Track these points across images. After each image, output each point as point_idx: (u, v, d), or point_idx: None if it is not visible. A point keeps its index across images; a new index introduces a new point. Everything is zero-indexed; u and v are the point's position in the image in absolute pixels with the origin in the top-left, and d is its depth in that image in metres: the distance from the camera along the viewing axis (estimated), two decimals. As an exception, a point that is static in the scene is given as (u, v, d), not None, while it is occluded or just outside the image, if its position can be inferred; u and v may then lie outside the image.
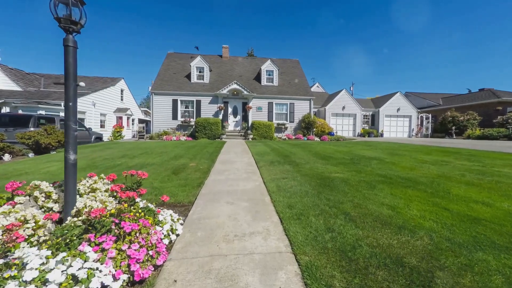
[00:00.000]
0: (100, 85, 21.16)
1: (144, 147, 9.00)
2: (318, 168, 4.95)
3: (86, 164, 5.35)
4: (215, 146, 9.34)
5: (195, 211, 2.74)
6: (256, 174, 4.62)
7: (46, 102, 15.31)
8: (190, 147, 8.85)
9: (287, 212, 2.60)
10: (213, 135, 15.78)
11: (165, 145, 9.88)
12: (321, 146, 9.58)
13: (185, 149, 8.18)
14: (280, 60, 22.95)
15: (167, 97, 17.43)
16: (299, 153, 7.30)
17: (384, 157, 6.46)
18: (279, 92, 18.92)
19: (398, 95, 24.76)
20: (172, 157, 6.46)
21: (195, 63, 18.49)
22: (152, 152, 7.34)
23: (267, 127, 16.32)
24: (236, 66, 21.62)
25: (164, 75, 18.90)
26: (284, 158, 6.32)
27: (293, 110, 18.79)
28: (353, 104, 24.14)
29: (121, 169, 4.83)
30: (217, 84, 18.61)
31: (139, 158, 6.28)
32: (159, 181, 3.94)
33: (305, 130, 18.27)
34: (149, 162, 5.60)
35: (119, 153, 7.23)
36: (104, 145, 9.89)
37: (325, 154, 7.06)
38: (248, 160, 6.28)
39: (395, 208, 2.64)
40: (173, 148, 8.64)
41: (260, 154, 7.07)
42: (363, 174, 4.38)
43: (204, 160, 6.11)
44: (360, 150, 8.20)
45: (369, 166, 5.19)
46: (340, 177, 4.17)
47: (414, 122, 25.08)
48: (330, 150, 8.20)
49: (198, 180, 4.03)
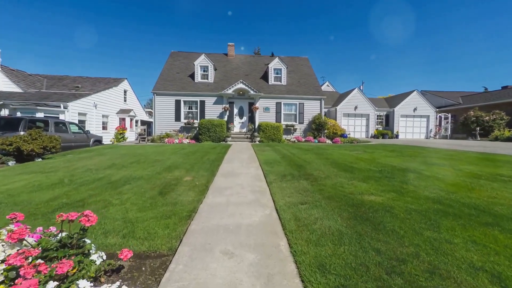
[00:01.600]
0: (103, 86, 20.61)
1: (140, 153, 8.13)
2: (344, 186, 3.90)
3: (60, 178, 4.48)
4: (218, 152, 8.38)
5: (173, 272, 1.76)
6: (266, 194, 3.62)
7: (45, 104, 14.75)
8: (190, 153, 7.93)
9: (321, 282, 1.59)
10: (218, 138, 14.86)
11: (164, 150, 8.99)
12: (338, 152, 8.48)
13: (184, 156, 7.25)
14: (288, 58, 21.86)
15: (169, 97, 16.63)
16: (315, 162, 6.25)
17: (419, 168, 5.34)
18: (287, 91, 17.85)
19: (414, 93, 23.26)
20: (166, 167, 5.53)
21: (199, 62, 17.64)
22: (145, 160, 6.44)
23: (275, 129, 15.29)
24: (242, 64, 20.67)
25: (167, 75, 18.14)
26: (298, 169, 5.29)
27: (303, 110, 17.68)
28: (366, 104, 22.81)
29: (100, 186, 3.92)
30: (222, 84, 17.71)
31: (127, 168, 5.38)
32: (137, 208, 2.99)
33: (315, 131, 17.13)
34: (137, 176, 4.67)
35: (108, 161, 6.36)
36: (98, 151, 9.09)
37: (345, 164, 5.98)
38: (255, 171, 5.28)
39: (505, 281, 1.58)
40: (171, 154, 7.73)
41: (269, 163, 6.06)
42: (408, 197, 3.31)
43: (203, 171, 5.15)
44: (385, 157, 7.06)
45: (408, 182, 4.10)
46: (378, 202, 3.11)
47: (432, 123, 23.52)
48: (349, 157, 7.10)
49: (190, 206, 3.06)
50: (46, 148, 7.08)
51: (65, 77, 21.58)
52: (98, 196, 3.38)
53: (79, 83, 20.70)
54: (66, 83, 20.31)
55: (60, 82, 20.44)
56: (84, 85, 20.44)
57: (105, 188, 3.79)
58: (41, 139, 7.08)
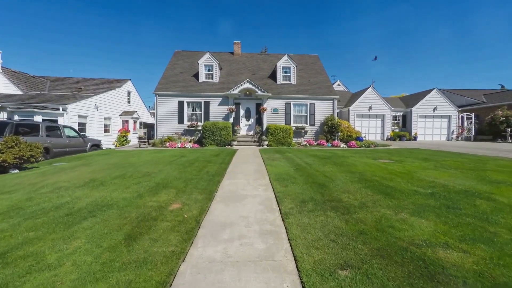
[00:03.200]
0: (106, 87, 19.95)
1: (131, 162, 7.10)
2: (394, 226, 2.69)
3: (10, 205, 3.45)
4: (220, 161, 7.27)
5: None
6: (282, 241, 2.45)
7: (44, 106, 14.07)
8: (188, 163, 6.84)
9: None
10: (222, 142, 13.79)
11: (160, 158, 7.96)
12: (360, 161, 7.21)
13: (180, 168, 6.17)
14: (297, 56, 20.59)
15: (172, 98, 15.69)
16: (338, 178, 5.03)
17: (484, 190, 4.04)
18: (297, 91, 16.61)
19: (434, 92, 21.54)
20: (153, 186, 4.44)
21: (203, 61, 16.64)
22: (132, 174, 5.38)
23: (284, 132, 14.08)
24: (249, 63, 19.56)
25: (170, 75, 17.23)
26: (321, 191, 4.10)
27: (314, 111, 16.39)
28: (381, 104, 21.28)
29: (52, 220, 2.85)
30: (227, 84, 16.65)
31: (105, 187, 4.32)
32: (78, 274, 1.88)
33: (328, 134, 15.81)
34: (110, 201, 3.59)
35: (88, 175, 5.35)
36: (88, 158, 8.16)
37: (378, 180, 4.74)
38: (264, 193, 4.12)
39: None
40: (166, 164, 6.66)
41: (282, 179, 4.89)
42: (510, 257, 2.07)
43: (197, 193, 4.03)
44: (423, 170, 5.76)
45: (489, 219, 2.84)
46: (471, 269, 1.90)
47: (454, 123, 21.72)
48: (378, 170, 5.84)
49: (164, 269, 1.93)
50: (23, 157, 6.15)
51: (68, 78, 21.06)
52: (34, 244, 2.31)
53: (83, 84, 20.11)
54: (69, 85, 19.76)
55: (63, 83, 19.90)
56: (88, 86, 19.84)
57: (56, 225, 2.72)
58: (18, 148, 6.16)
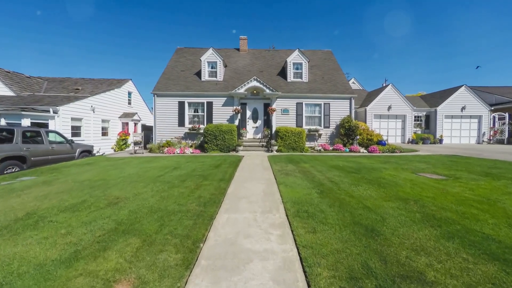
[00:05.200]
0: (105, 87, 18.85)
1: (105, 180, 5.64)
2: None
3: None
4: (220, 178, 5.72)
5: None
6: None
7: (33, 108, 12.95)
8: (176, 182, 5.31)
9: None
10: (227, 147, 12.27)
11: (145, 172, 6.48)
12: (401, 177, 5.51)
13: (164, 190, 4.65)
14: (309, 52, 18.89)
15: (172, 99, 14.31)
16: (389, 212, 3.38)
17: None
18: (310, 89, 14.93)
19: (463, 89, 19.37)
20: (109, 230, 2.92)
21: (206, 57, 15.20)
22: (92, 203, 3.88)
23: (296, 136, 12.44)
24: (256, 60, 18.00)
25: (171, 73, 15.88)
26: (375, 246, 2.48)
27: (329, 112, 14.67)
28: (402, 103, 19.29)
29: None
30: (232, 82, 15.15)
31: (33, 233, 2.84)
32: None
33: (344, 137, 14.06)
34: (9, 273, 2.10)
35: (33, 202, 3.90)
36: (59, 171, 6.77)
37: (458, 221, 3.07)
38: (280, 247, 2.53)
39: None
40: (148, 184, 5.16)
41: (304, 215, 3.30)
42: None
43: (172, 247, 2.48)
44: (508, 196, 4.03)
45: None
46: None
47: (485, 124, 19.46)
48: (440, 196, 4.14)
49: None
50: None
51: (66, 79, 20.09)
52: None
53: (81, 85, 19.07)
54: (67, 85, 18.74)
55: (60, 84, 18.91)
56: (86, 87, 18.77)
57: None
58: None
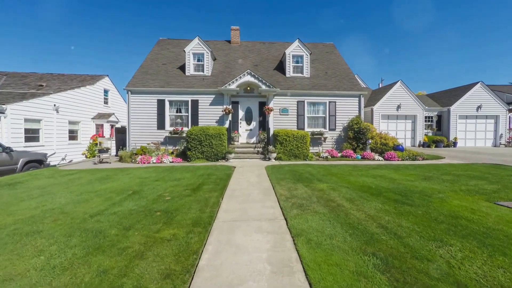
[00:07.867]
0: (75, 84, 16.33)
1: (3, 225, 3.34)
2: None
3: None
4: (194, 218, 3.44)
5: None
6: None
7: (-27, 108, 10.44)
8: (108, 240, 3.02)
9: None
10: (214, 154, 10.02)
11: (84, 202, 4.17)
12: (471, 207, 3.41)
13: (83, 253, 2.39)
14: (310, 44, 16.74)
15: (150, 96, 11.97)
16: None
17: None
18: (312, 86, 12.82)
19: (479, 86, 17.63)
20: None
21: (191, 48, 12.89)
22: None
23: (298, 140, 10.29)
24: (250, 53, 15.79)
25: (150, 67, 13.50)
26: None
27: (334, 112, 12.59)
28: (412, 102, 17.41)
29: None
30: (222, 77, 12.90)
31: None
32: None
33: (353, 141, 12.00)
34: None
35: None
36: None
37: None
38: None
39: None
40: (65, 234, 2.87)
41: None
42: None
43: None
44: None
45: None
46: None
47: (502, 125, 17.77)
48: None
49: None
50: None
51: (30, 74, 17.42)
52: None
53: (46, 80, 16.45)
54: (29, 81, 16.09)
55: (22, 80, 16.24)
56: (52, 83, 16.17)
57: None
58: None
